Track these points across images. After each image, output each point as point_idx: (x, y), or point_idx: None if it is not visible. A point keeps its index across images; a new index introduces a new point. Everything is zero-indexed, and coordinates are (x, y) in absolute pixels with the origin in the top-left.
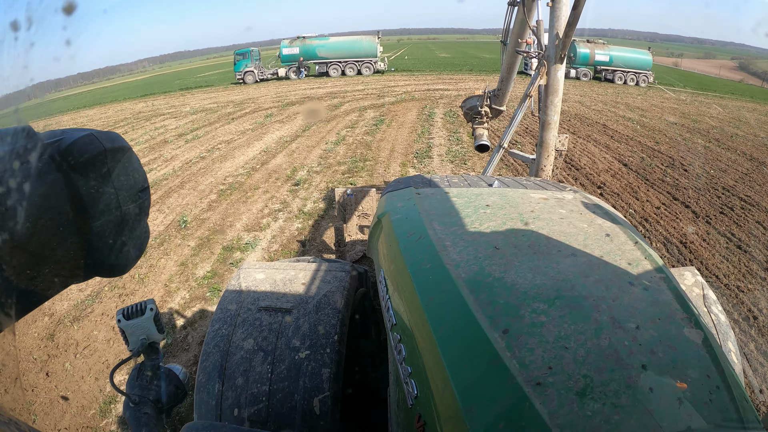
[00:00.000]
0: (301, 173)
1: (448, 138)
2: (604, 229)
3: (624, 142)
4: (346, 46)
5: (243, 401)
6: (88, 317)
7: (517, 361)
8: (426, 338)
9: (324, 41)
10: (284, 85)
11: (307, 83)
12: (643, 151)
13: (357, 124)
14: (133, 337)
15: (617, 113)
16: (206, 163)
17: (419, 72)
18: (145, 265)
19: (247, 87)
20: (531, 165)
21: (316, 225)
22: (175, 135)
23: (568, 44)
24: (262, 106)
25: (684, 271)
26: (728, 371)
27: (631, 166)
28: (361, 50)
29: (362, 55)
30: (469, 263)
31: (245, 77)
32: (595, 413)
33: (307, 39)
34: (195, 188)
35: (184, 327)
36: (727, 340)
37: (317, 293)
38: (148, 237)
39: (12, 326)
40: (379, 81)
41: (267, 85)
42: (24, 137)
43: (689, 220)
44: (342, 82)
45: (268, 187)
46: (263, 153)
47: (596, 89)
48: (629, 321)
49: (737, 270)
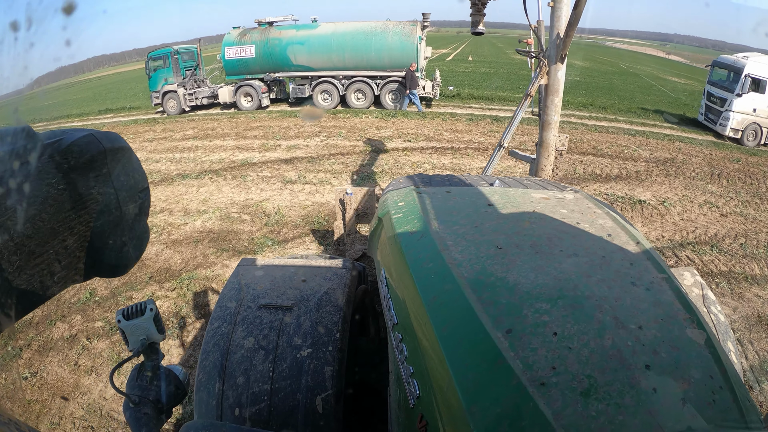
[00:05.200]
0: None
1: None
2: (605, 229)
3: None
4: (353, 43)
5: (244, 401)
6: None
7: (521, 361)
8: (428, 338)
9: (308, 32)
10: (208, 126)
11: (253, 123)
12: None
13: None
14: (133, 337)
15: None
16: None
17: (500, 99)
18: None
19: (154, 126)
20: (531, 165)
21: None
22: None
23: (568, 44)
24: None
25: (683, 271)
26: (731, 371)
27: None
28: (386, 50)
29: (387, 63)
30: (471, 262)
31: (165, 103)
32: (599, 413)
33: (275, 27)
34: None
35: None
36: (726, 340)
37: (318, 290)
38: (148, 237)
39: (12, 326)
40: (424, 128)
41: (182, 124)
42: (24, 137)
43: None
44: (335, 125)
45: None
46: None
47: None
48: (632, 321)
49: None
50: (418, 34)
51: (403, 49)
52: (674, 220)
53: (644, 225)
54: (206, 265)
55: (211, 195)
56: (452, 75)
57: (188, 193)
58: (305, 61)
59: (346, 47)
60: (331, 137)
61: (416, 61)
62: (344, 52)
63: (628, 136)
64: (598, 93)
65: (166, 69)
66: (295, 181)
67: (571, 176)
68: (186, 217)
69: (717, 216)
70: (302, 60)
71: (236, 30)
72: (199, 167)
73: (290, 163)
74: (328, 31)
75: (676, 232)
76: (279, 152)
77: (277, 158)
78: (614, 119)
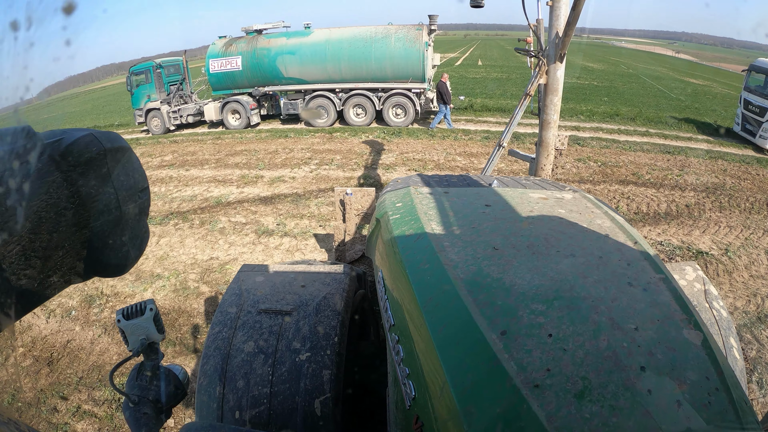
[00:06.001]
0: None
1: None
2: (603, 229)
3: None
4: (350, 51)
5: (244, 403)
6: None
7: (515, 363)
8: (424, 339)
9: (299, 40)
10: (189, 150)
11: (238, 146)
12: None
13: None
14: (132, 337)
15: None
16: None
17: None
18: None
19: (135, 149)
20: (531, 164)
21: None
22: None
23: (567, 43)
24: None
25: (685, 266)
26: (728, 373)
27: None
28: (388, 59)
29: (390, 73)
30: (467, 264)
31: (149, 122)
32: (593, 415)
33: (264, 35)
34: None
35: None
36: (728, 336)
37: (317, 295)
38: (148, 237)
39: (12, 326)
40: (433, 150)
41: (163, 147)
42: (24, 137)
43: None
44: (329, 149)
45: None
46: None
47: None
48: (628, 322)
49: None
50: (425, 40)
51: (407, 56)
52: (743, 278)
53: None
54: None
55: (172, 250)
56: (462, 82)
57: (147, 245)
58: (297, 73)
59: (342, 56)
60: (322, 165)
61: (422, 69)
62: (340, 61)
63: (666, 155)
64: (620, 99)
65: (148, 84)
66: (272, 231)
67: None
68: (136, 284)
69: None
70: (294, 72)
71: (222, 40)
72: (168, 206)
73: (270, 203)
74: (321, 38)
75: (748, 297)
76: (260, 187)
77: (257, 195)
78: (645, 132)
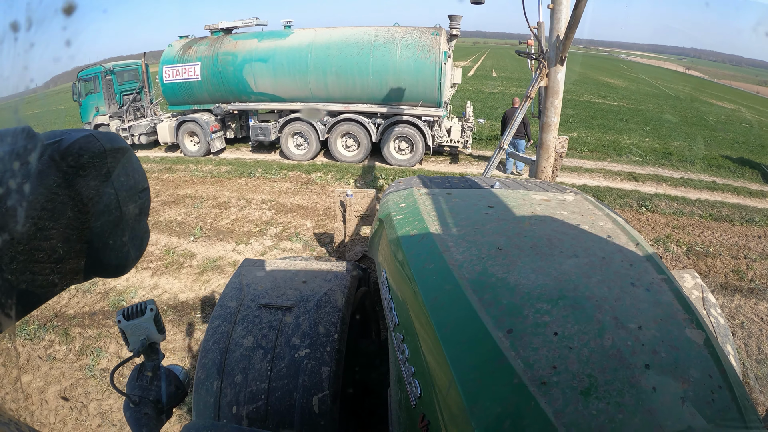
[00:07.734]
0: None
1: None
2: (605, 230)
3: None
4: (340, 60)
5: (242, 399)
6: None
7: (522, 361)
8: (430, 338)
9: (274, 42)
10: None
11: (183, 189)
12: None
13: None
14: (133, 337)
15: None
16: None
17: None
18: None
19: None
20: (531, 167)
21: None
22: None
23: (568, 46)
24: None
25: (684, 273)
26: (730, 371)
27: None
28: (392, 72)
29: (394, 92)
30: (472, 264)
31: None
32: (600, 412)
33: (231, 36)
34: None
35: None
36: (725, 343)
37: (318, 291)
38: (148, 237)
39: (12, 327)
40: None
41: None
42: (24, 137)
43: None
44: (299, 205)
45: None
46: None
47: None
48: (632, 321)
49: None
50: (443, 48)
51: (418, 70)
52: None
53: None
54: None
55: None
56: (479, 98)
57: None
58: (269, 87)
59: (329, 66)
60: (283, 240)
61: (439, 89)
62: (326, 73)
63: (751, 225)
64: (662, 128)
65: (94, 96)
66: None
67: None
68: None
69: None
70: (265, 85)
71: (180, 41)
72: (48, 310)
73: (189, 313)
74: (303, 41)
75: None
76: (183, 276)
77: (173, 295)
78: (712, 184)
